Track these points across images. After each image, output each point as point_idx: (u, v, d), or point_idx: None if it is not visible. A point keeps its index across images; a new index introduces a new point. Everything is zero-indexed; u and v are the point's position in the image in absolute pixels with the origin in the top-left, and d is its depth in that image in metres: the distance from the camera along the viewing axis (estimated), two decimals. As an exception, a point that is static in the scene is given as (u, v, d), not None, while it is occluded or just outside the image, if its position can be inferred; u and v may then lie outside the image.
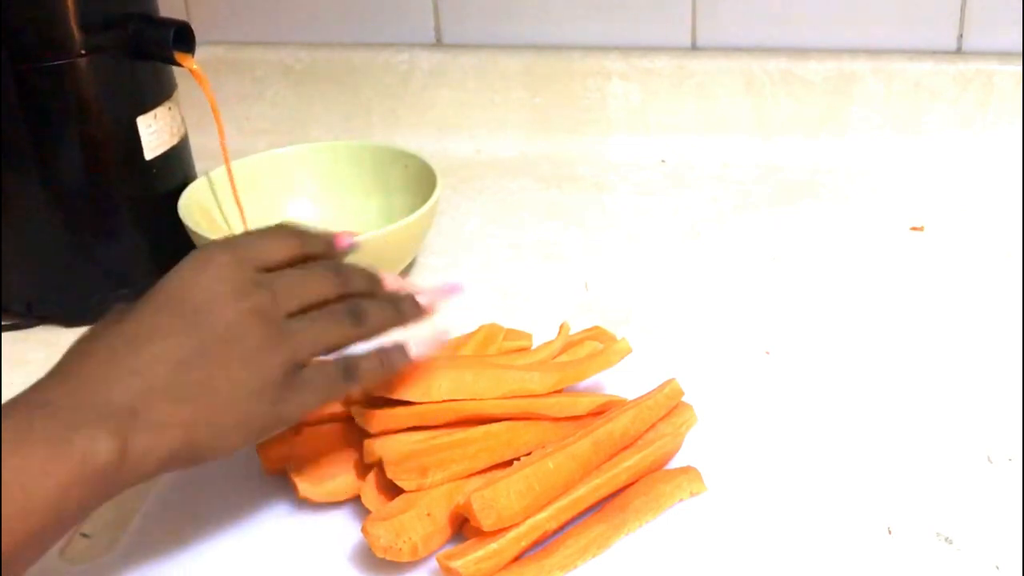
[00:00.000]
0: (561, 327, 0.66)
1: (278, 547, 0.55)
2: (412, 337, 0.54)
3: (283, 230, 0.52)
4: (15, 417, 0.43)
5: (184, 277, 0.48)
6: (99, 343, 0.46)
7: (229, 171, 0.81)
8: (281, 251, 0.50)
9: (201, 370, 0.46)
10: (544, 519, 0.53)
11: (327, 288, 0.50)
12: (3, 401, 0.44)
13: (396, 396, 0.56)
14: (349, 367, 0.51)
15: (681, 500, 0.56)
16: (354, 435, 0.58)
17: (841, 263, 0.80)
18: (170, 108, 0.78)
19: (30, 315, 0.77)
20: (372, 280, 0.54)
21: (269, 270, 0.49)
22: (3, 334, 0.76)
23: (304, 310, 0.49)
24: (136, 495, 0.59)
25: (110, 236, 0.77)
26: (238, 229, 0.83)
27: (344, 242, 0.54)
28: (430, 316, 0.55)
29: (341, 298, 0.51)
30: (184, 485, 0.59)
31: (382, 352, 0.52)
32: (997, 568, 0.52)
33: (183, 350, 0.46)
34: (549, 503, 0.53)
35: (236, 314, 0.47)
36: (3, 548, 0.40)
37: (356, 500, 0.56)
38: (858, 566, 0.52)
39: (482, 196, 0.94)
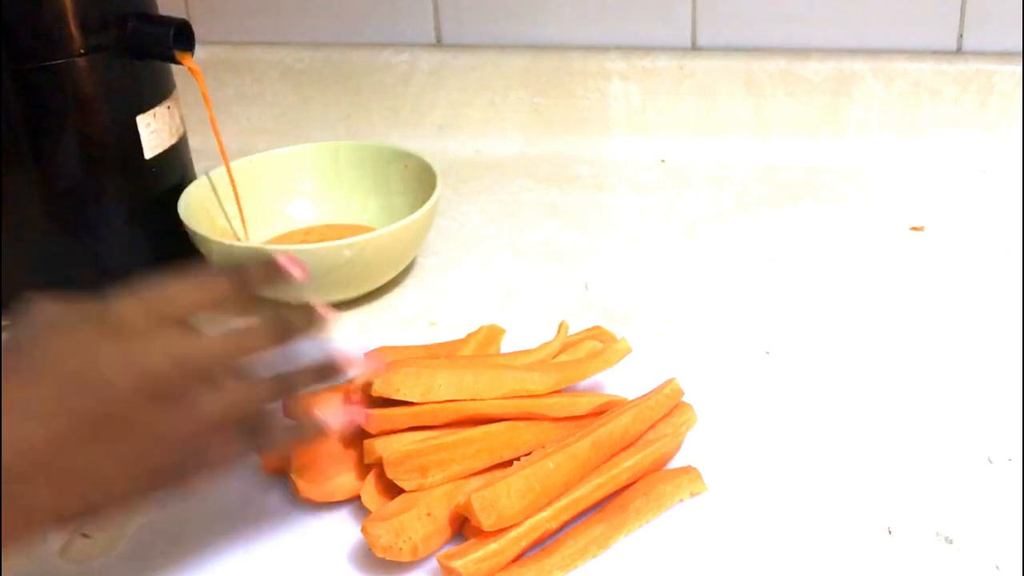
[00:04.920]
0: (560, 326, 0.66)
1: (278, 547, 0.55)
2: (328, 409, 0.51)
3: (202, 274, 0.46)
4: None
5: (56, 335, 0.42)
6: None
7: (227, 164, 0.81)
8: (195, 296, 0.45)
9: (80, 450, 0.40)
10: (544, 519, 0.53)
11: (244, 344, 0.45)
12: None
13: (396, 396, 0.56)
14: (256, 432, 0.45)
15: (681, 500, 0.56)
16: (354, 435, 0.58)
17: (841, 263, 0.80)
18: (169, 107, 0.78)
19: (29, 315, 0.77)
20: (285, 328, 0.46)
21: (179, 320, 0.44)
22: (2, 334, 0.76)
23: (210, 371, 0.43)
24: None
25: (109, 235, 0.76)
26: (239, 228, 0.83)
27: (290, 268, 0.49)
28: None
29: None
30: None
31: (296, 428, 0.47)
32: (997, 568, 0.52)
33: (59, 425, 0.40)
34: (549, 503, 0.53)
35: (127, 382, 0.41)
36: None
37: (356, 500, 0.56)
38: (858, 566, 0.52)
39: (482, 196, 0.94)
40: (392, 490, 0.55)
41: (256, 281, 0.48)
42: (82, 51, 0.71)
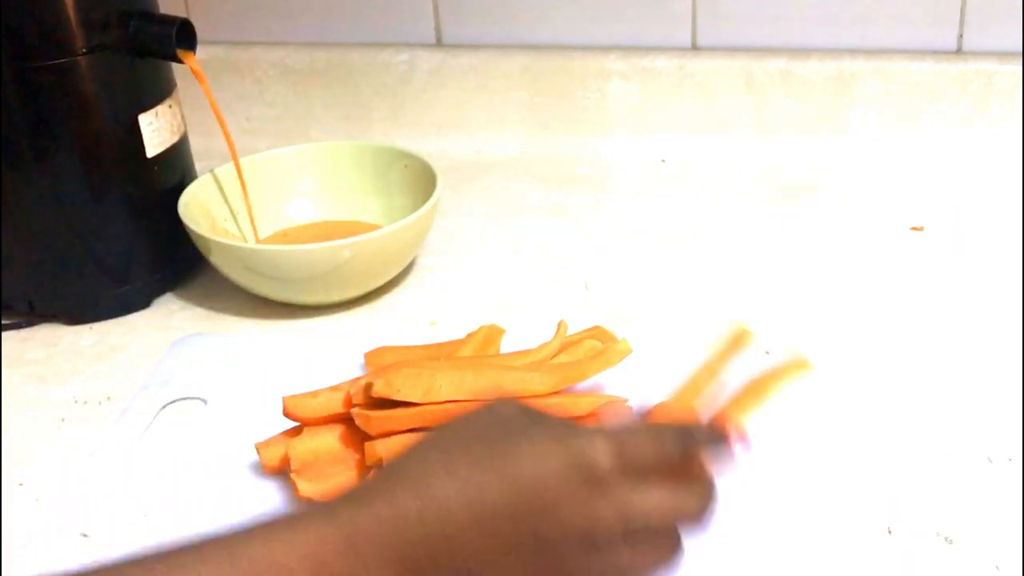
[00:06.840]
0: (559, 326, 0.66)
1: (278, 547, 0.55)
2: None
3: (671, 433, 0.46)
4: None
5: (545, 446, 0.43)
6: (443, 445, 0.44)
7: (235, 160, 0.81)
8: (654, 456, 0.44)
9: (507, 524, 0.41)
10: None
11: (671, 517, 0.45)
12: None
13: (397, 397, 0.56)
14: None
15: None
16: (354, 435, 0.58)
17: (841, 263, 0.80)
18: (171, 106, 0.78)
19: (32, 313, 0.77)
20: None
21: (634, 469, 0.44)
22: (3, 333, 0.76)
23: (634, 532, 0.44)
24: (137, 493, 0.59)
25: (111, 234, 0.77)
26: (243, 228, 0.83)
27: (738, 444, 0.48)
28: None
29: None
30: (184, 484, 0.59)
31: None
32: (997, 568, 0.52)
33: (496, 500, 0.41)
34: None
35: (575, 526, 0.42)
36: None
37: (356, 500, 0.56)
38: (858, 566, 0.52)
39: (482, 196, 0.94)
40: (393, 490, 0.54)
41: (702, 445, 0.47)
42: (84, 50, 0.71)
